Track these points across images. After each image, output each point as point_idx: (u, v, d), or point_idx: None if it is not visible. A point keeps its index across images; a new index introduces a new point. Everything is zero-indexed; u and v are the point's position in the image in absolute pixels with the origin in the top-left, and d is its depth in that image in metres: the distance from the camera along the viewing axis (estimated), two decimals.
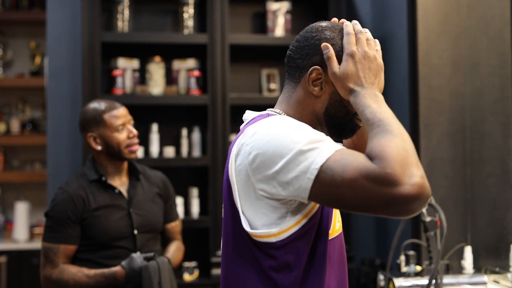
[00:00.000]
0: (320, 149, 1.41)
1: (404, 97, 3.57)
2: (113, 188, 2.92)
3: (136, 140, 2.94)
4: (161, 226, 3.06)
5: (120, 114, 2.92)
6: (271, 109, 1.67)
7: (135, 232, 2.89)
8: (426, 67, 3.38)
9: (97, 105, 2.94)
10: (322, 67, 1.59)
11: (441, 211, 2.74)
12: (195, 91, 4.06)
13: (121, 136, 2.90)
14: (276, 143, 1.44)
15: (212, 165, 4.05)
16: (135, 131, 2.93)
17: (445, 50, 3.40)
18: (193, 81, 4.06)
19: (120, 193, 2.93)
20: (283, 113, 1.63)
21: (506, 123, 3.16)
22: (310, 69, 1.60)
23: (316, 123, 1.63)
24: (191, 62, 4.12)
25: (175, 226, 3.15)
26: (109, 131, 2.89)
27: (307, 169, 1.40)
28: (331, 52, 1.57)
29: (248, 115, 1.68)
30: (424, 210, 2.72)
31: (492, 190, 3.25)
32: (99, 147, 2.90)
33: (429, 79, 3.38)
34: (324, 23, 1.65)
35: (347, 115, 1.62)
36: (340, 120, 1.63)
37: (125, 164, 2.99)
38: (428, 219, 2.68)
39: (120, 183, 2.97)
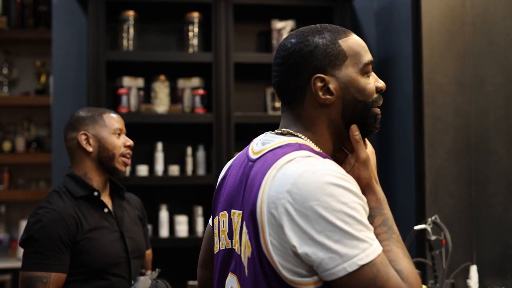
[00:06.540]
0: (371, 242, 1.36)
1: (409, 115, 3.57)
2: (102, 206, 2.54)
3: (131, 152, 2.60)
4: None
5: (119, 119, 2.61)
6: (287, 129, 1.55)
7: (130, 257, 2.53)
8: (431, 86, 3.39)
9: (93, 108, 2.67)
10: (321, 71, 1.51)
11: (446, 230, 2.73)
12: (199, 109, 4.06)
13: (119, 141, 2.56)
14: (324, 210, 1.35)
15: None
16: (131, 142, 2.60)
17: (450, 68, 3.41)
18: (197, 100, 4.06)
19: (109, 212, 2.55)
20: (305, 137, 1.52)
21: (511, 141, 3.15)
22: (313, 80, 1.51)
23: (335, 136, 1.55)
24: (196, 81, 4.12)
25: (149, 253, 2.82)
26: (107, 131, 2.54)
27: (348, 258, 1.33)
28: (359, 136, 1.53)
29: (270, 138, 1.55)
30: (429, 228, 2.71)
31: (498, 208, 3.24)
32: (90, 149, 2.53)
33: (434, 97, 3.38)
34: (293, 38, 1.59)
35: (365, 108, 1.53)
36: (360, 117, 1.54)
37: (108, 180, 2.63)
38: (433, 238, 2.67)
39: (106, 201, 2.59)
